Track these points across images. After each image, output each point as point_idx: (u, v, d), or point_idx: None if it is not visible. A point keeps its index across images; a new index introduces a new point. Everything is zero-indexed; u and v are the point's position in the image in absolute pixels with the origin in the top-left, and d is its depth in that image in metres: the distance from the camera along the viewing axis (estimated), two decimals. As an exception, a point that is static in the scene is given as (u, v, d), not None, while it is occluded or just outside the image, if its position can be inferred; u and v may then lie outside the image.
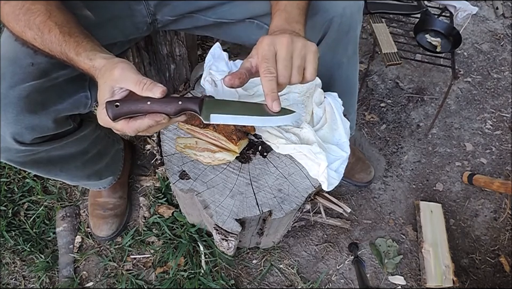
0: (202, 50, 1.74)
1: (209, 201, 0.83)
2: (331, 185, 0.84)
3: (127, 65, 0.63)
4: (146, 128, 0.64)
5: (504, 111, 1.74)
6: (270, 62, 0.63)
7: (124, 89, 0.63)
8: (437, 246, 1.32)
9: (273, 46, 0.64)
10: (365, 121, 1.67)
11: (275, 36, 0.65)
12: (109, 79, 0.62)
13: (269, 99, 0.63)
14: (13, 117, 0.74)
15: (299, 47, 0.64)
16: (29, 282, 1.28)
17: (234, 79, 0.65)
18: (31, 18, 0.68)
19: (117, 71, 0.61)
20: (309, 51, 0.65)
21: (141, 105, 0.62)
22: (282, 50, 0.64)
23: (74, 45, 0.67)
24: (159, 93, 0.61)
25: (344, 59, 0.97)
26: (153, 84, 0.61)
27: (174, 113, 0.64)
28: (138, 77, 0.62)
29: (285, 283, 1.29)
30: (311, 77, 0.67)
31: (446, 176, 1.55)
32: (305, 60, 0.65)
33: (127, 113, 0.62)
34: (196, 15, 0.97)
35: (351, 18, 0.86)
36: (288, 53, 0.64)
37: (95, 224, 1.31)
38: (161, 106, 0.62)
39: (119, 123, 0.64)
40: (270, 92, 0.63)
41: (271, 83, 0.63)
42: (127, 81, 0.62)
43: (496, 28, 2.02)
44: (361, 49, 1.88)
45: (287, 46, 0.63)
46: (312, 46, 0.65)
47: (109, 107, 0.62)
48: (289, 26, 0.70)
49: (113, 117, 0.62)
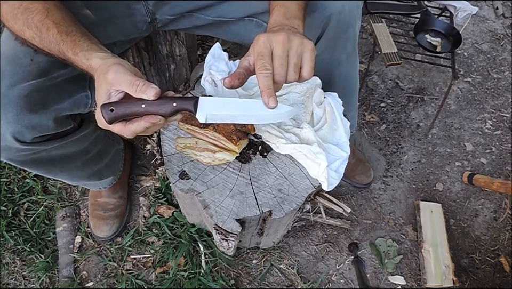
0: (202, 50, 1.74)
1: (209, 201, 0.83)
2: (331, 185, 0.84)
3: (121, 67, 0.62)
4: (143, 130, 0.64)
5: (504, 111, 1.74)
6: (265, 58, 0.63)
7: (119, 91, 0.63)
8: (437, 246, 1.32)
9: (270, 44, 0.63)
10: (365, 121, 1.67)
11: (271, 34, 0.65)
12: (104, 81, 0.62)
13: (264, 96, 0.63)
14: (13, 116, 0.74)
15: (295, 45, 0.64)
16: (29, 282, 1.28)
17: (234, 80, 0.65)
18: (29, 17, 0.68)
19: (111, 74, 0.61)
20: (306, 50, 0.65)
21: (136, 108, 0.62)
22: (278, 48, 0.63)
23: (72, 44, 0.67)
24: (152, 95, 0.61)
25: (343, 56, 0.96)
26: (146, 86, 0.61)
27: (169, 114, 0.64)
28: (131, 78, 0.61)
29: (285, 283, 1.29)
30: (307, 75, 0.67)
31: (446, 176, 1.55)
32: (302, 58, 0.65)
33: (122, 116, 0.62)
34: (195, 14, 0.97)
35: (349, 15, 0.86)
36: (284, 50, 0.63)
37: (95, 225, 1.32)
38: (156, 108, 0.62)
39: (116, 126, 0.64)
40: (266, 88, 0.63)
41: (267, 79, 0.63)
42: (121, 83, 0.61)
43: (496, 28, 2.02)
44: (361, 49, 1.88)
45: (283, 44, 0.63)
46: (309, 44, 0.65)
47: (104, 111, 0.62)
48: (288, 22, 0.70)
49: (108, 121, 0.62)
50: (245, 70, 0.66)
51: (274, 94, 0.63)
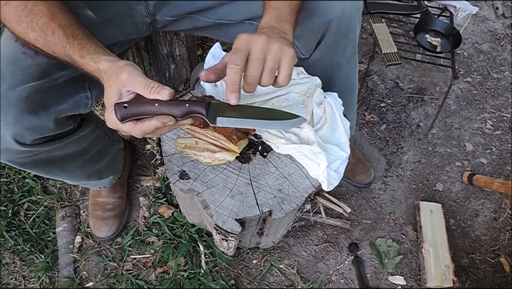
0: (202, 50, 1.74)
1: (209, 201, 0.83)
2: (331, 185, 0.84)
3: (134, 68, 0.63)
4: (153, 129, 0.64)
5: (504, 111, 1.74)
6: (239, 54, 0.63)
7: (131, 92, 0.64)
8: (437, 246, 1.32)
9: (249, 43, 0.63)
10: (365, 121, 1.67)
11: (253, 34, 0.64)
12: (116, 82, 0.62)
13: (228, 90, 0.63)
14: (13, 118, 0.74)
15: (274, 49, 0.63)
16: (29, 282, 1.28)
17: (210, 74, 0.66)
18: (33, 20, 0.68)
19: (124, 75, 0.62)
20: (285, 56, 0.64)
21: (149, 107, 0.63)
22: (256, 50, 0.63)
23: (78, 47, 0.67)
24: (166, 96, 0.61)
25: (343, 60, 0.96)
26: (160, 87, 0.62)
27: (181, 116, 0.64)
28: (146, 80, 0.62)
29: (285, 283, 1.29)
30: (283, 82, 0.66)
31: (446, 176, 1.55)
32: (280, 64, 0.65)
33: (135, 114, 0.63)
34: (195, 16, 0.97)
35: (349, 19, 0.86)
36: (261, 53, 0.63)
37: (95, 225, 1.32)
38: (169, 109, 0.63)
39: (127, 125, 0.64)
40: (231, 84, 0.62)
41: (235, 74, 0.62)
42: (135, 84, 0.62)
43: (496, 28, 2.02)
44: (361, 49, 1.88)
45: (262, 46, 0.63)
46: (289, 52, 0.65)
47: (118, 108, 0.62)
48: (278, 25, 0.70)
49: (121, 118, 0.63)
50: (223, 66, 0.66)
51: (238, 91, 0.63)
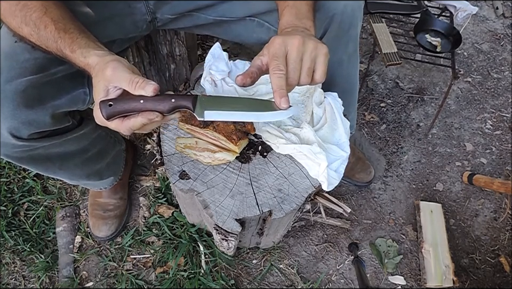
0: (202, 50, 1.74)
1: (209, 201, 0.83)
2: (331, 185, 0.84)
3: (119, 63, 0.63)
4: (140, 126, 0.64)
5: (504, 111, 1.74)
6: (280, 60, 0.64)
7: (117, 88, 0.63)
8: (437, 246, 1.32)
9: (285, 46, 0.64)
10: (365, 121, 1.67)
11: (287, 37, 0.65)
12: (102, 78, 0.62)
13: (277, 96, 0.64)
14: (10, 112, 0.74)
15: (310, 48, 0.64)
16: (29, 282, 1.28)
17: (246, 78, 0.66)
18: (27, 14, 0.68)
19: (109, 71, 0.61)
20: (320, 54, 0.65)
21: (134, 104, 0.62)
22: (293, 51, 0.64)
23: (69, 41, 0.67)
24: (151, 91, 0.61)
25: (344, 56, 0.96)
26: (145, 82, 0.61)
27: (167, 111, 0.64)
28: (131, 75, 0.62)
29: (285, 283, 1.29)
30: (320, 79, 0.67)
31: (446, 176, 1.55)
32: (315, 62, 0.66)
33: (121, 112, 0.62)
34: (195, 14, 0.97)
35: (352, 15, 0.86)
36: (298, 54, 0.64)
37: (94, 225, 1.31)
38: (154, 104, 0.63)
39: (113, 122, 0.64)
40: (279, 89, 0.63)
41: (280, 80, 0.63)
42: (120, 80, 0.62)
43: (496, 28, 2.02)
44: (361, 49, 1.87)
45: (298, 47, 0.64)
46: (324, 49, 0.66)
47: (103, 106, 0.62)
48: (300, 23, 0.71)
49: (107, 116, 0.62)
50: (257, 69, 0.67)
51: (287, 95, 0.64)
